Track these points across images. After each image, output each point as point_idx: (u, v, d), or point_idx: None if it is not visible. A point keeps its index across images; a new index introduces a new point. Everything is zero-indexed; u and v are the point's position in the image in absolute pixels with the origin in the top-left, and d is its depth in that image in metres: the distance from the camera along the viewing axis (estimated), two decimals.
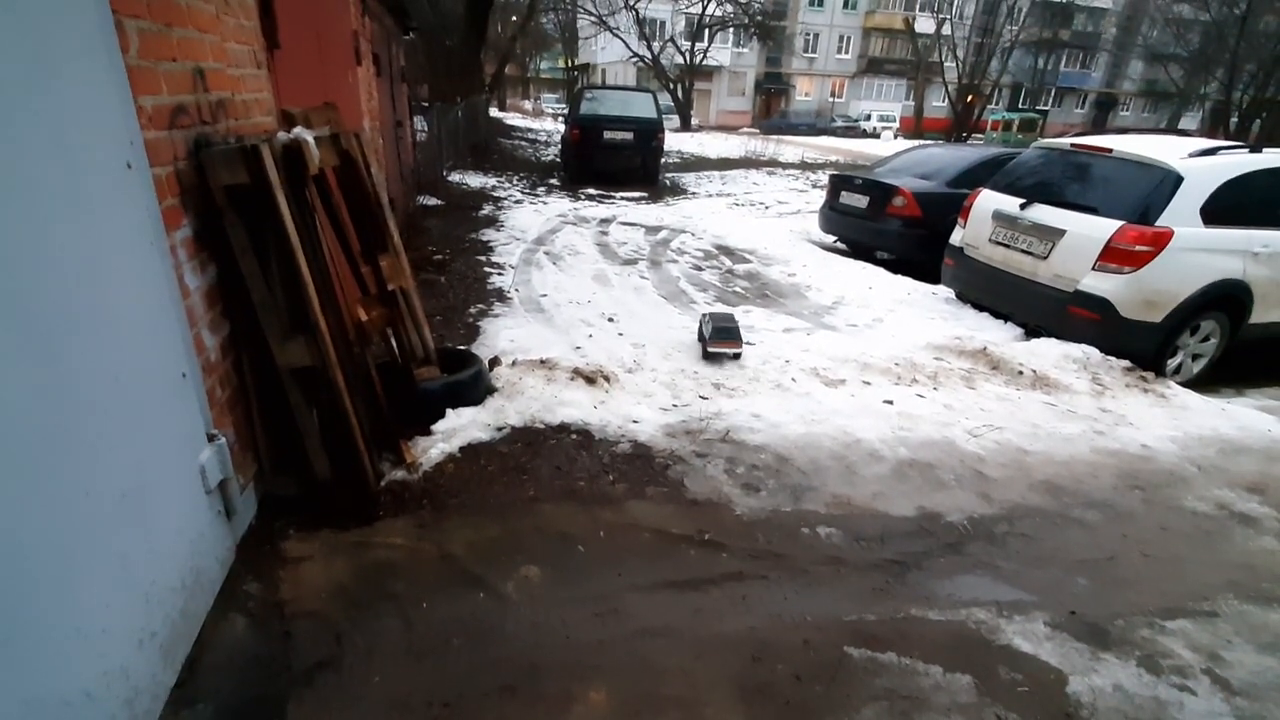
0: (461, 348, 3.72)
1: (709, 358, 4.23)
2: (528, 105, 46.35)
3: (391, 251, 2.99)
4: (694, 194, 12.66)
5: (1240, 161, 4.36)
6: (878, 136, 37.50)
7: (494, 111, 28.60)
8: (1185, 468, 3.25)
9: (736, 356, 4.27)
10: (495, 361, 3.72)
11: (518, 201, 10.20)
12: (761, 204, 11.79)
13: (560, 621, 2.03)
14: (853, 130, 39.15)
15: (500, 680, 1.81)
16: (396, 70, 8.27)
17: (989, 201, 5.34)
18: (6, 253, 1.26)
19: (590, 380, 3.53)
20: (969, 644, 2.06)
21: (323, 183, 2.62)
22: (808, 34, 43.56)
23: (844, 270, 6.94)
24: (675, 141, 21.99)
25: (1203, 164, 4.30)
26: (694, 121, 35.79)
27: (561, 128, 17.62)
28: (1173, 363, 4.50)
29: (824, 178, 13.52)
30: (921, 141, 17.75)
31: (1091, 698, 1.88)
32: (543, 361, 3.69)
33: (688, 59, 33.83)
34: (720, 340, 4.24)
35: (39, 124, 1.39)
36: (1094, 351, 4.37)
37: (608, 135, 12.07)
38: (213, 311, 2.16)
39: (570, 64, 44.86)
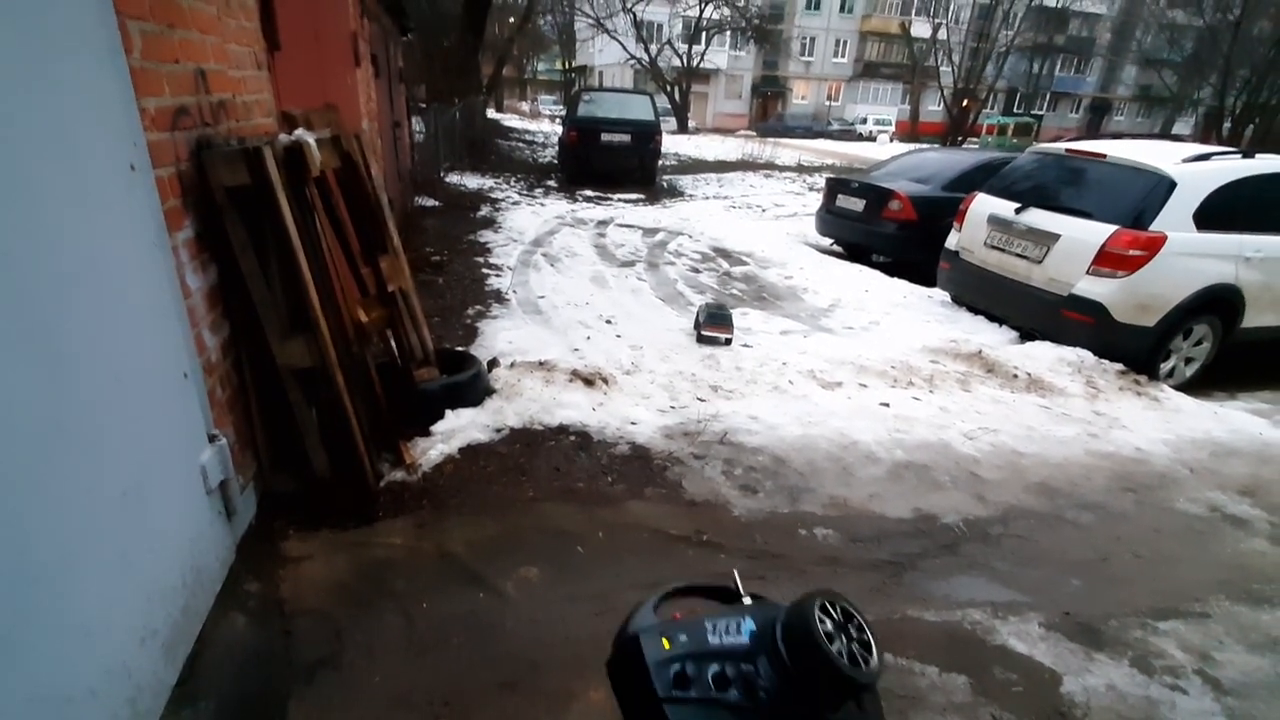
0: (460, 349, 3.73)
1: (702, 340, 4.39)
2: (525, 107, 46.37)
3: (391, 252, 3.00)
4: (691, 196, 12.68)
5: (1233, 167, 4.41)
6: (874, 140, 37.64)
7: (491, 113, 28.57)
8: (1178, 470, 3.29)
9: (728, 342, 4.42)
10: (494, 363, 3.73)
11: (515, 203, 10.22)
12: (758, 206, 11.83)
13: (560, 620, 2.04)
14: (849, 133, 39.25)
15: (500, 677, 1.82)
16: (394, 71, 8.27)
17: (984, 205, 5.37)
18: (11, 253, 1.27)
19: (589, 382, 3.54)
20: (964, 644, 2.08)
21: (323, 183, 2.63)
22: (804, 37, 43.65)
23: (840, 273, 6.97)
24: (672, 144, 22.02)
25: (1196, 169, 4.34)
26: (691, 124, 35.84)
27: (559, 129, 17.63)
28: (1166, 366, 4.54)
29: (820, 181, 13.57)
30: (917, 145, 17.83)
31: (1085, 697, 1.90)
32: (541, 363, 3.70)
33: (685, 62, 33.92)
34: (713, 325, 4.45)
35: (44, 125, 1.40)
36: (1088, 355, 4.41)
37: (605, 137, 12.09)
38: (214, 312, 2.17)
39: (568, 66, 44.89)
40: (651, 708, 0.30)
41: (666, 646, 0.32)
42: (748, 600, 0.37)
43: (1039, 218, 4.83)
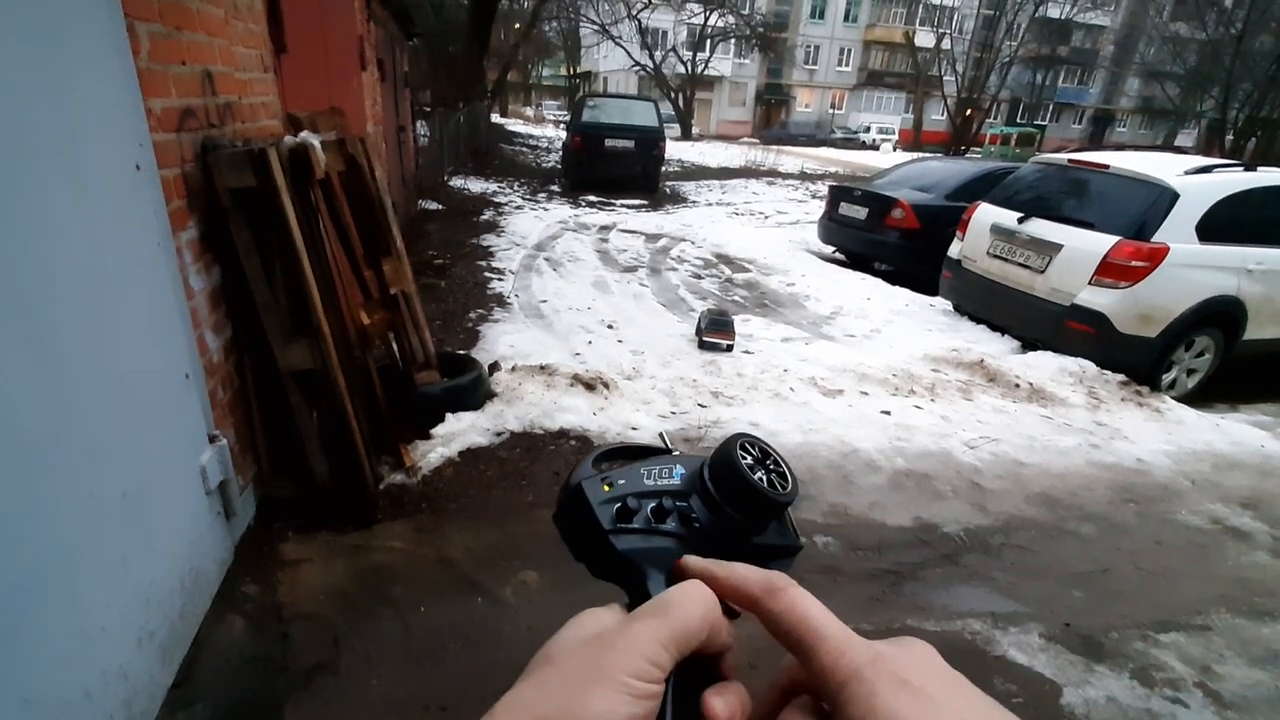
0: (461, 352, 3.73)
1: (704, 346, 4.46)
2: (529, 111, 46.53)
3: (394, 255, 3.00)
4: (694, 202, 12.71)
5: (1235, 179, 4.41)
6: (877, 148, 37.69)
7: (495, 117, 28.69)
8: (1179, 482, 3.28)
9: (729, 348, 4.45)
10: (495, 367, 3.73)
11: (518, 207, 10.24)
12: (761, 213, 11.85)
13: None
14: (852, 142, 39.32)
15: (498, 685, 1.78)
16: (400, 75, 8.31)
17: (987, 215, 5.38)
18: (16, 253, 1.27)
19: (590, 386, 3.54)
20: (964, 655, 2.07)
21: (327, 186, 2.63)
22: (808, 46, 43.81)
23: (842, 281, 6.98)
24: (676, 150, 22.08)
25: (1199, 181, 4.34)
26: (695, 130, 35.94)
27: (562, 135, 17.67)
28: (1168, 377, 4.53)
29: (823, 188, 13.59)
30: (920, 154, 17.87)
31: (1085, 709, 1.89)
32: (542, 367, 3.70)
33: (689, 69, 34.02)
34: (715, 331, 4.53)
35: (50, 125, 1.40)
36: (1090, 365, 4.40)
37: (609, 143, 12.11)
38: (216, 313, 2.17)
39: (572, 72, 45.06)
40: (599, 541, 0.34)
41: (607, 490, 0.36)
42: (676, 453, 0.41)
43: (1041, 228, 4.83)
